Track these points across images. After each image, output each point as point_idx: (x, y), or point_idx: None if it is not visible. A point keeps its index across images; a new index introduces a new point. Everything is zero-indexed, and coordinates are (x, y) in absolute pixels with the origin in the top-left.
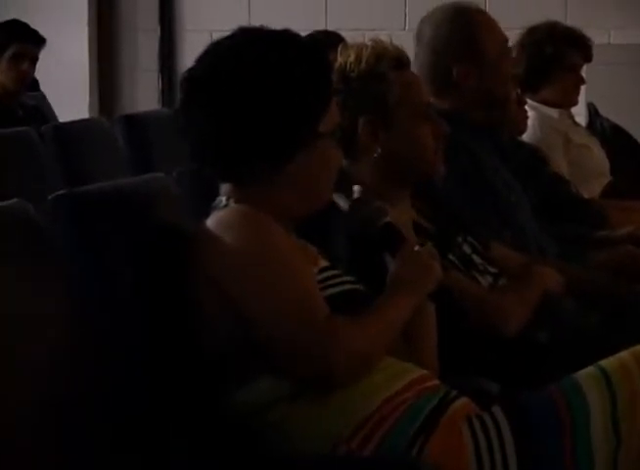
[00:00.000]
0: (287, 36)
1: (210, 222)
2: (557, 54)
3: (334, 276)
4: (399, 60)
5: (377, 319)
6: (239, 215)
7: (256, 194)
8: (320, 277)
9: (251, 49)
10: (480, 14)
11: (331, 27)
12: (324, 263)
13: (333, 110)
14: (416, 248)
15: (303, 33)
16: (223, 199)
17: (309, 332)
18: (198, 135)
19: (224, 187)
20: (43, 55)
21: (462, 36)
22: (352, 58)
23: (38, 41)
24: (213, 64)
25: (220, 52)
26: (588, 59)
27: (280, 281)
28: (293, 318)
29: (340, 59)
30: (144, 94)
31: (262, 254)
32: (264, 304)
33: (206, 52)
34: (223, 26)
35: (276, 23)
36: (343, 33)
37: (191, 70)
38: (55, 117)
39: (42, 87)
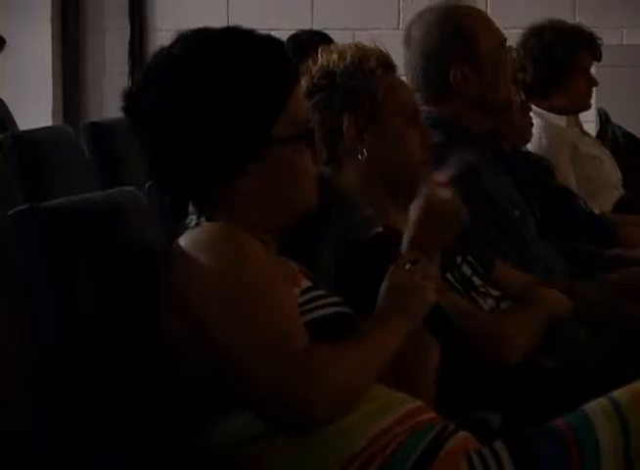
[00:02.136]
0: (227, 37)
1: (183, 241)
2: (568, 57)
3: (317, 298)
4: (386, 60)
5: (363, 349)
6: (214, 233)
7: (224, 210)
8: (302, 300)
9: (183, 58)
10: (473, 11)
11: (317, 27)
12: (306, 283)
13: (292, 108)
14: (407, 266)
15: (287, 33)
16: (194, 217)
17: (286, 367)
18: (143, 151)
19: (192, 205)
20: (1, 57)
21: (455, 36)
22: (336, 56)
23: None
24: (146, 80)
25: (153, 66)
26: (598, 58)
27: (255, 308)
28: (267, 351)
29: (321, 59)
30: (112, 99)
31: (237, 276)
32: (236, 333)
33: (145, 66)
34: (198, 25)
35: (257, 22)
36: (331, 33)
37: (131, 86)
38: (15, 125)
39: (1, 92)
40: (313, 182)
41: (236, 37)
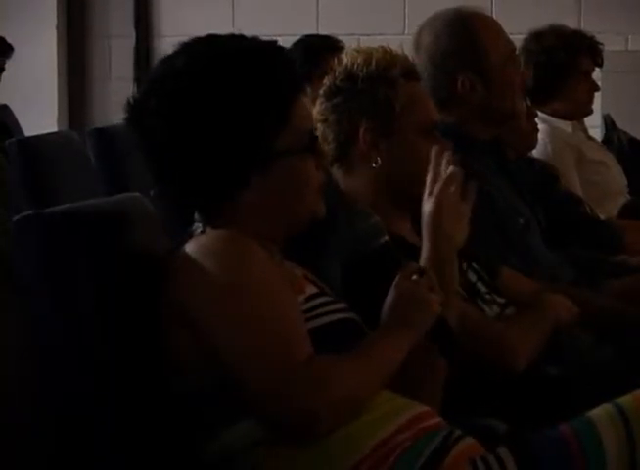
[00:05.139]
0: (230, 48)
1: (188, 247)
2: (569, 61)
3: (322, 304)
4: (410, 70)
5: (366, 360)
6: (219, 240)
7: (228, 220)
8: (306, 307)
9: (186, 70)
10: (483, 19)
11: (322, 32)
12: (312, 290)
13: (296, 119)
14: (414, 277)
15: (292, 39)
16: (200, 225)
17: (287, 376)
18: (146, 161)
19: (197, 214)
20: (7, 63)
21: (463, 44)
22: (361, 59)
23: (6, 50)
24: (149, 91)
25: (156, 77)
26: (600, 63)
27: (257, 315)
28: (268, 358)
29: (345, 59)
30: (117, 105)
31: (241, 283)
32: (237, 339)
33: (148, 76)
34: (203, 32)
35: (262, 28)
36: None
37: (134, 97)
38: (20, 131)
39: (6, 98)
40: (317, 191)
41: (239, 48)
